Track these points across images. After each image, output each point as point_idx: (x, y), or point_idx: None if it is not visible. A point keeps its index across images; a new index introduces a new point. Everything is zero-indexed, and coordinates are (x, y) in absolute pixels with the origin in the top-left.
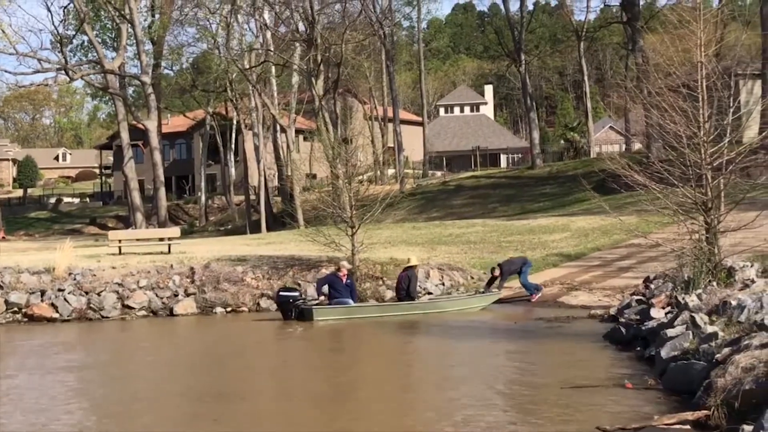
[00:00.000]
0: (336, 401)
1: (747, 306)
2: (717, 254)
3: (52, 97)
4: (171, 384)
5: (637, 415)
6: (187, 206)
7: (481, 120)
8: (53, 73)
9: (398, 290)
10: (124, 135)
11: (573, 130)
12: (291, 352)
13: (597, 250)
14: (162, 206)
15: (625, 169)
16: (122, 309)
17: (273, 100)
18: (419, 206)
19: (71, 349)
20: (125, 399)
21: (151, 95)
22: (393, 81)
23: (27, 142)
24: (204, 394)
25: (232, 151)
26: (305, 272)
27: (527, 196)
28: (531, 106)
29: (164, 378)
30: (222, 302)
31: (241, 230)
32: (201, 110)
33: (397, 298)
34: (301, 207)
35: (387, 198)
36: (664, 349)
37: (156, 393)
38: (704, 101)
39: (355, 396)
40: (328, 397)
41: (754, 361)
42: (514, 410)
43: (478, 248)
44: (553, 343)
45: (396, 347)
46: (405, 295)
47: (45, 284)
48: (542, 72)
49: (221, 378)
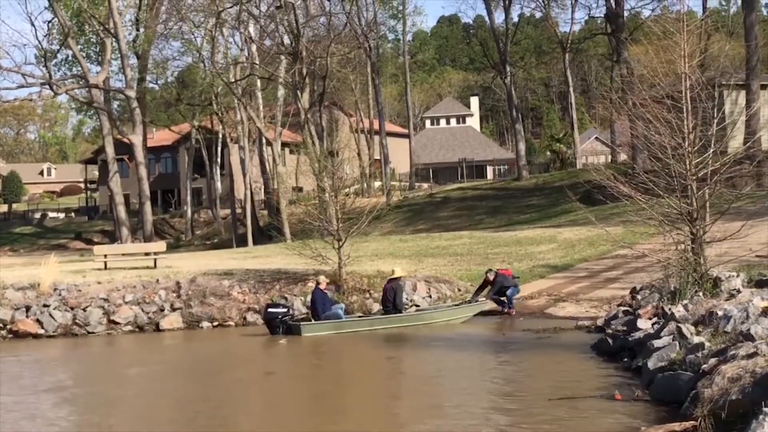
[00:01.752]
0: (321, 412)
1: (733, 316)
2: (703, 264)
3: (37, 111)
4: (162, 400)
5: (624, 427)
6: (173, 220)
7: (467, 132)
8: (37, 87)
9: (384, 302)
10: (109, 149)
11: (559, 142)
12: (280, 366)
13: (584, 261)
14: (147, 221)
15: (610, 180)
16: (108, 324)
17: (258, 113)
18: (406, 219)
19: (60, 365)
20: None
21: (136, 109)
22: (379, 93)
23: (11, 157)
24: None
25: (218, 164)
26: (292, 285)
27: (514, 207)
28: (517, 118)
29: (156, 394)
30: (208, 317)
31: (227, 244)
32: (186, 124)
33: (384, 311)
34: (288, 220)
35: (373, 211)
36: (650, 359)
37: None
38: (688, 112)
39: (340, 406)
40: (313, 407)
41: (740, 371)
42: (502, 422)
43: (465, 260)
44: (540, 354)
45: (382, 360)
46: (392, 307)
47: (30, 300)
48: (528, 83)
49: (211, 396)
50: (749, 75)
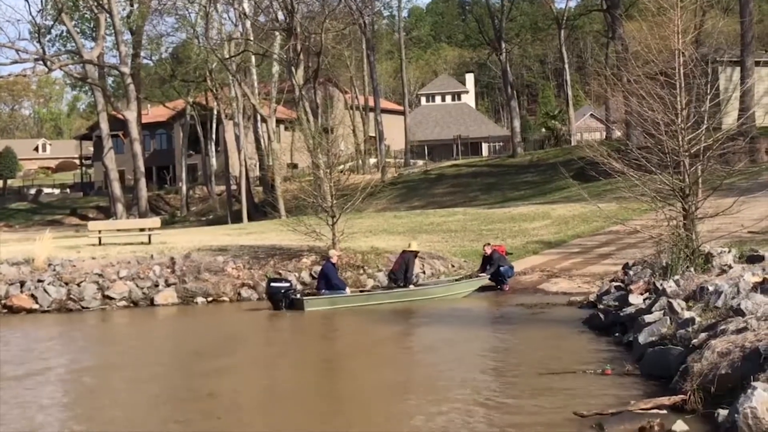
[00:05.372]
0: (323, 380)
1: (724, 291)
2: (695, 240)
3: (31, 87)
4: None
5: (614, 401)
6: (168, 196)
7: (463, 109)
8: (31, 63)
9: (393, 272)
10: (104, 125)
11: (554, 118)
12: (288, 342)
13: (577, 238)
14: (142, 197)
15: (603, 157)
16: (102, 299)
17: (253, 89)
18: (401, 195)
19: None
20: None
21: (130, 85)
22: (374, 70)
23: (6, 133)
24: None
25: (212, 141)
26: (286, 261)
27: (508, 184)
28: (512, 95)
29: (176, 368)
30: (203, 292)
31: (222, 220)
32: (181, 100)
33: (389, 279)
34: (282, 197)
35: (367, 187)
36: (641, 334)
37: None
38: (681, 88)
39: (338, 377)
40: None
41: (729, 345)
42: (492, 395)
43: (459, 237)
44: (532, 329)
45: (380, 333)
46: (402, 278)
47: (24, 275)
48: (523, 60)
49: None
50: (744, 51)
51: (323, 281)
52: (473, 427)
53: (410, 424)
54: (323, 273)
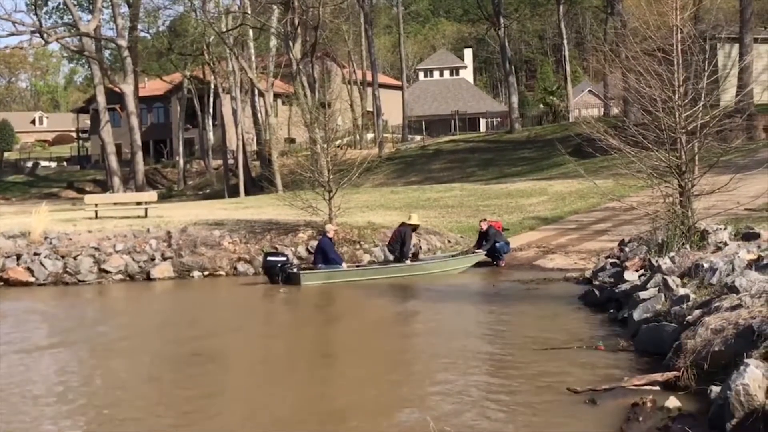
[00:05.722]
0: (316, 352)
1: (719, 268)
2: (690, 217)
3: (28, 59)
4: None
5: (608, 377)
6: (165, 170)
7: (461, 84)
8: (28, 36)
9: (391, 244)
10: (101, 99)
11: (552, 94)
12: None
13: (574, 214)
14: (139, 170)
15: (600, 133)
16: (99, 273)
17: (250, 63)
18: (398, 171)
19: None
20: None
21: (128, 58)
22: (372, 45)
23: (3, 106)
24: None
25: (210, 115)
26: (282, 236)
27: (505, 160)
28: (510, 70)
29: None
30: (199, 266)
31: (219, 194)
32: (178, 74)
33: (389, 250)
34: (280, 171)
35: (364, 162)
36: (636, 311)
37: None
38: (679, 65)
39: (333, 351)
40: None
41: (723, 323)
42: (486, 371)
43: (456, 212)
44: (528, 305)
45: (376, 308)
46: (399, 251)
47: (21, 248)
48: (522, 36)
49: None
50: (742, 28)
51: (320, 256)
52: (465, 401)
53: (399, 395)
54: (320, 247)
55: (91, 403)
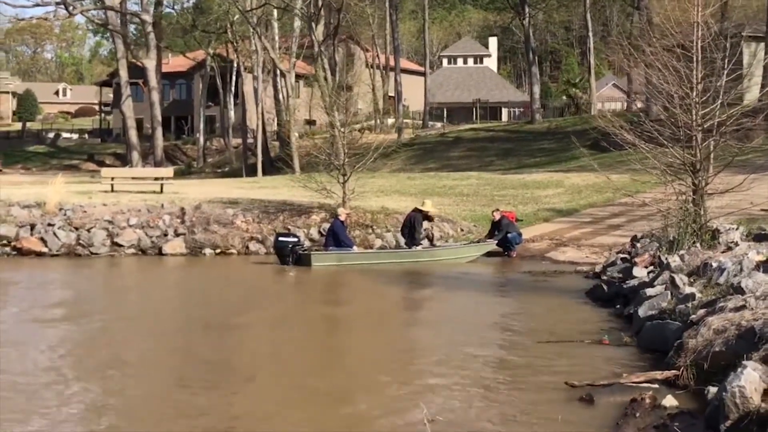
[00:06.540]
0: (323, 335)
1: (727, 269)
2: (703, 216)
3: (54, 31)
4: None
5: (608, 372)
6: (185, 147)
7: (484, 72)
8: (53, 7)
9: (403, 228)
10: (123, 73)
11: (575, 86)
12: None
13: (589, 207)
14: (158, 146)
15: (615, 128)
16: (111, 246)
17: (273, 43)
18: (416, 157)
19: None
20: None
21: (151, 34)
22: (396, 29)
23: (27, 76)
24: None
25: (231, 93)
26: (296, 217)
27: (525, 150)
28: (533, 61)
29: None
30: (211, 243)
31: (237, 173)
32: (202, 51)
33: (402, 236)
34: (298, 153)
35: (380, 147)
36: (642, 307)
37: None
38: (698, 62)
39: (334, 336)
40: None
41: (726, 323)
42: (486, 362)
43: (471, 201)
44: (535, 297)
45: (383, 292)
46: (408, 237)
47: (35, 218)
48: (548, 26)
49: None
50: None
51: (331, 238)
52: (462, 391)
53: (396, 383)
54: (332, 230)
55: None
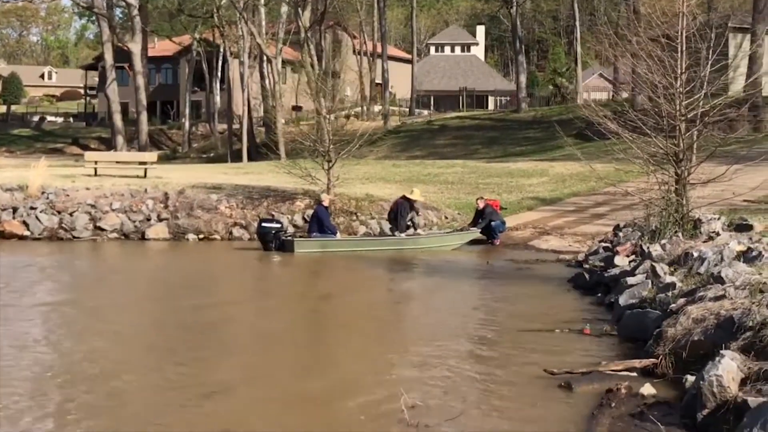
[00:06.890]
0: (304, 321)
1: (707, 258)
2: (685, 206)
3: (40, 14)
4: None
5: (586, 361)
6: (170, 132)
7: (471, 61)
8: None
9: (389, 214)
10: (108, 56)
11: (561, 76)
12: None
13: (573, 196)
14: (143, 130)
15: (599, 117)
16: (94, 230)
17: (260, 29)
18: (402, 144)
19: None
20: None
21: (137, 17)
22: (383, 16)
23: (13, 59)
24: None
25: (218, 78)
26: (280, 203)
27: (510, 139)
28: (520, 50)
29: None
30: (194, 229)
31: (222, 158)
32: (188, 36)
33: (389, 222)
34: (284, 139)
35: (366, 134)
36: (623, 296)
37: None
38: (683, 52)
39: (314, 324)
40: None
41: (705, 312)
42: (467, 350)
43: (455, 188)
44: (518, 285)
45: (366, 280)
46: (393, 223)
47: (17, 201)
48: (536, 15)
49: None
50: (755, 19)
51: (315, 224)
52: (441, 378)
53: (375, 370)
54: (315, 216)
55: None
